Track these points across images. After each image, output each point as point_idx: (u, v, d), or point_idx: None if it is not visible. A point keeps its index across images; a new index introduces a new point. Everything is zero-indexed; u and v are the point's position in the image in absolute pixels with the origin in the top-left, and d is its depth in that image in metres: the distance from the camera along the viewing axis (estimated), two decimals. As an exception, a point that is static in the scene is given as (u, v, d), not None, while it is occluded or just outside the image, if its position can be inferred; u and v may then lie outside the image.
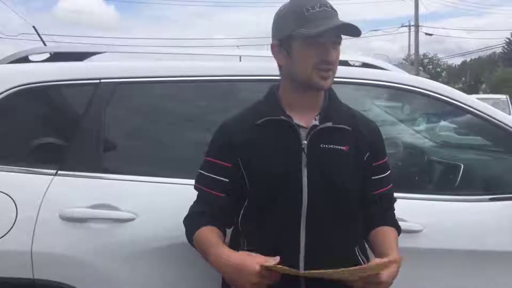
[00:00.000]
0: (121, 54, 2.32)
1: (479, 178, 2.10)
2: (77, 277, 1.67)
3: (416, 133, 2.20)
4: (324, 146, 1.35)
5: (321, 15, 1.29)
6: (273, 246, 1.32)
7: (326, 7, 1.30)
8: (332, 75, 1.34)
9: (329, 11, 1.31)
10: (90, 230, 1.67)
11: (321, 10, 1.29)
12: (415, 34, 26.94)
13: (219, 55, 2.34)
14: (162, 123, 1.92)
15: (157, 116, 1.92)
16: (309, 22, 1.28)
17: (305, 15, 1.29)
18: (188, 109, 1.92)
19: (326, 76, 1.32)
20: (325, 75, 1.32)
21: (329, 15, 1.30)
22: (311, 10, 1.29)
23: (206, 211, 1.40)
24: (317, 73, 1.32)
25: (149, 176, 1.76)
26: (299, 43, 1.31)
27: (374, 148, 1.43)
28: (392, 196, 1.52)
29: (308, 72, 1.32)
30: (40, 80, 1.86)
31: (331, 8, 1.32)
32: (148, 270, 1.67)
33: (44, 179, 1.73)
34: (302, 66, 1.33)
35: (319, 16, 1.28)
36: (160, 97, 1.91)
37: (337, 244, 1.36)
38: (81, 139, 1.80)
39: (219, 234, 1.36)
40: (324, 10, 1.30)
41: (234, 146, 1.38)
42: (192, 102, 1.93)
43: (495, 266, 1.74)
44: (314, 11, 1.29)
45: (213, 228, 1.37)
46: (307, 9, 1.29)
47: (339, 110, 1.42)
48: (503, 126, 1.84)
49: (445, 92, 1.87)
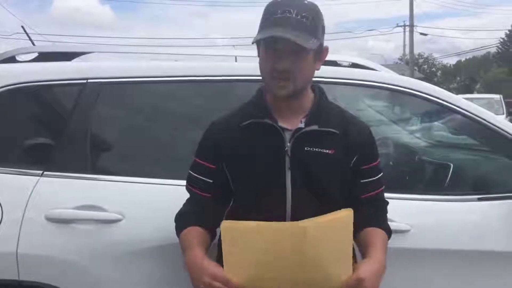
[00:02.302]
0: (112, 54, 2.31)
1: (468, 178, 2.10)
2: (64, 278, 1.66)
3: (405, 132, 2.20)
4: (308, 149, 1.34)
5: (277, 21, 1.24)
6: None
7: (290, 13, 1.24)
8: (291, 83, 1.28)
9: (290, 18, 1.24)
10: (77, 231, 1.66)
11: (281, 16, 1.24)
12: (410, 34, 27.03)
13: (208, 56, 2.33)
14: (149, 123, 1.91)
15: (145, 116, 1.92)
16: (265, 28, 1.26)
17: (268, 19, 1.27)
18: (176, 109, 1.92)
19: (282, 85, 1.28)
20: (280, 84, 1.28)
21: (283, 22, 1.23)
22: (274, 15, 1.26)
23: (195, 210, 1.42)
24: (273, 81, 1.30)
25: (136, 176, 1.75)
26: (262, 47, 1.31)
27: (363, 151, 1.41)
28: (383, 199, 1.49)
29: (266, 79, 1.32)
30: (26, 80, 1.85)
31: (297, 15, 1.24)
32: (135, 271, 1.66)
33: (30, 179, 1.72)
34: (262, 72, 1.33)
35: (274, 22, 1.25)
36: (148, 97, 1.90)
37: None
38: (68, 140, 1.79)
39: (201, 236, 1.36)
40: (284, 17, 1.24)
41: (219, 148, 1.38)
42: (180, 102, 1.93)
43: (483, 266, 1.74)
44: (275, 16, 1.25)
45: (198, 229, 1.38)
46: (271, 13, 1.27)
47: (328, 112, 1.40)
48: (489, 125, 1.84)
49: (433, 92, 1.87)
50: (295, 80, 1.29)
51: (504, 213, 1.76)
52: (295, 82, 1.29)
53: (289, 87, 1.29)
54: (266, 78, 1.32)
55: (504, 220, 1.75)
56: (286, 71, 1.27)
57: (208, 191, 1.41)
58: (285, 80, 1.28)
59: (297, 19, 1.24)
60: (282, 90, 1.30)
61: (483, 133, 1.90)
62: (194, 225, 1.38)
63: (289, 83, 1.28)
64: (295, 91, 1.31)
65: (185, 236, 1.36)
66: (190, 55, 2.36)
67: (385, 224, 1.46)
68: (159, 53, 2.31)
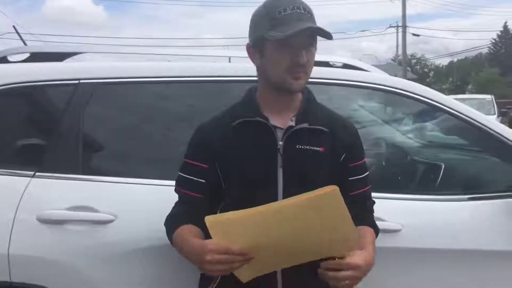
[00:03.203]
0: (104, 54, 2.31)
1: (459, 178, 2.12)
2: (55, 279, 1.65)
3: (396, 132, 2.22)
4: (300, 147, 1.36)
5: (293, 17, 1.28)
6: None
7: (299, 9, 1.29)
8: (305, 76, 1.34)
9: (302, 13, 1.29)
10: (69, 232, 1.65)
11: (293, 12, 1.28)
12: (403, 34, 27.17)
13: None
14: (141, 123, 1.91)
15: (137, 117, 1.91)
16: (280, 25, 1.28)
17: (277, 17, 1.29)
18: (168, 109, 1.92)
19: (298, 77, 1.32)
20: (297, 76, 1.32)
21: (301, 17, 1.29)
22: (283, 12, 1.28)
23: (185, 212, 1.41)
24: (289, 75, 1.32)
25: (128, 177, 1.75)
26: (271, 45, 1.32)
27: (350, 149, 1.44)
28: (370, 198, 1.51)
29: (280, 75, 1.33)
30: (18, 80, 1.85)
31: (304, 10, 1.30)
32: (127, 272, 1.66)
33: (21, 180, 1.71)
34: (275, 68, 1.33)
35: (291, 18, 1.28)
36: (140, 97, 1.90)
37: None
38: (60, 140, 1.79)
39: (194, 231, 1.35)
40: (297, 12, 1.29)
41: (210, 147, 1.39)
42: (172, 102, 1.92)
43: (473, 265, 1.75)
44: (286, 13, 1.28)
45: (191, 227, 1.37)
46: (279, 11, 1.29)
47: (317, 111, 1.43)
48: (478, 125, 1.86)
49: (423, 93, 1.89)
50: (307, 73, 1.34)
51: (494, 212, 1.78)
52: (307, 75, 1.35)
53: (304, 80, 1.35)
54: (281, 74, 1.32)
55: (494, 219, 1.77)
56: (304, 65, 1.31)
57: (200, 191, 1.41)
58: (303, 73, 1.33)
59: (305, 14, 1.30)
60: (300, 81, 1.33)
61: (473, 134, 1.91)
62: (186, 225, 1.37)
63: (304, 75, 1.34)
64: (306, 84, 1.37)
65: (178, 234, 1.35)
66: (184, 55, 2.36)
67: (373, 222, 1.48)
68: (152, 54, 2.31)
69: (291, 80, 1.32)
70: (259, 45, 1.35)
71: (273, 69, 1.34)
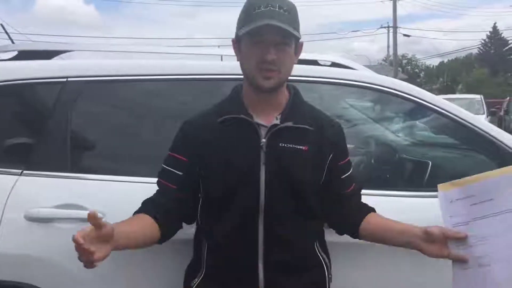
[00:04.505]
0: (93, 52, 2.29)
1: (447, 175, 2.14)
2: (44, 278, 1.65)
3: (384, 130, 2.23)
4: (283, 145, 1.37)
5: (264, 14, 1.28)
6: (232, 241, 1.36)
7: (273, 7, 1.28)
8: (277, 75, 1.33)
9: (275, 11, 1.28)
10: (57, 230, 1.65)
11: (266, 10, 1.28)
12: (394, 35, 27.36)
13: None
14: (130, 121, 1.91)
15: (125, 115, 1.91)
16: (251, 21, 1.29)
17: (251, 13, 1.30)
18: (157, 107, 1.91)
19: (268, 76, 1.32)
20: (267, 75, 1.32)
21: (272, 15, 1.27)
22: (257, 10, 1.29)
23: (156, 200, 1.42)
24: (259, 73, 1.32)
25: (117, 175, 1.75)
26: (245, 41, 1.34)
27: (337, 148, 1.46)
28: (359, 192, 1.55)
29: (251, 71, 1.34)
30: (5, 78, 1.84)
31: (279, 8, 1.29)
32: (115, 270, 1.65)
33: (9, 178, 1.71)
34: (246, 64, 1.35)
35: (262, 15, 1.28)
36: (128, 95, 1.90)
37: (295, 239, 1.39)
38: (48, 138, 1.78)
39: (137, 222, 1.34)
40: (269, 10, 1.28)
41: (194, 142, 1.40)
42: (161, 100, 1.92)
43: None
44: (259, 10, 1.29)
45: (141, 216, 1.36)
46: (254, 8, 1.30)
47: (302, 110, 1.44)
48: (466, 124, 1.88)
49: (412, 92, 1.91)
50: (280, 72, 1.33)
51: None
52: (280, 74, 1.34)
53: (275, 79, 1.33)
54: (251, 71, 1.33)
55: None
56: (274, 62, 1.30)
57: (175, 183, 1.41)
58: (272, 71, 1.31)
59: (280, 12, 1.29)
60: (269, 81, 1.33)
61: (462, 132, 1.93)
62: (146, 213, 1.37)
63: (275, 74, 1.32)
64: (279, 83, 1.36)
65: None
66: (175, 54, 2.35)
67: (371, 208, 1.52)
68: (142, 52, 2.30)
69: (260, 78, 1.32)
70: (238, 41, 1.37)
71: (245, 65, 1.36)
